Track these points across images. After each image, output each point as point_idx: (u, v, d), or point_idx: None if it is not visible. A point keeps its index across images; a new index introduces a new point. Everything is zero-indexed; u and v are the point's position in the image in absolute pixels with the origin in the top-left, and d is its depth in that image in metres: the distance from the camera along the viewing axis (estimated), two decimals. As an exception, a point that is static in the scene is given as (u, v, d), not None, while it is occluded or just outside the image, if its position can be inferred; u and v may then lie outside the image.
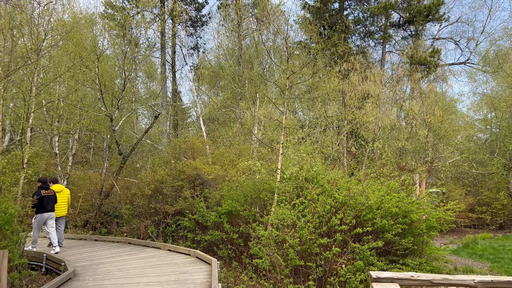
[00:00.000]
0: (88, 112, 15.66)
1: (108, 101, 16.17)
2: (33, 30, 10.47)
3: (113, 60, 18.56)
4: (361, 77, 17.25)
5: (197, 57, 27.58)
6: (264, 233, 8.63)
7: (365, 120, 15.29)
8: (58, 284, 7.49)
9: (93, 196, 16.95)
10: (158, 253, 11.19)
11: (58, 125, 16.08)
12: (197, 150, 16.06)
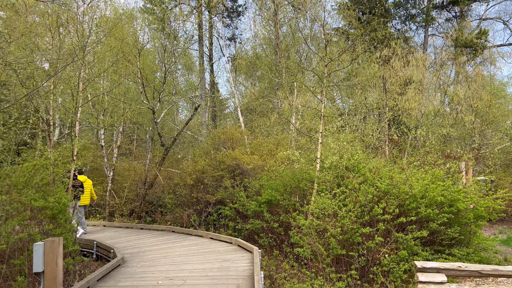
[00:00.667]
0: (131, 106, 16.19)
1: (149, 94, 16.63)
2: (78, 27, 10.91)
3: (154, 54, 19.02)
4: (402, 63, 16.69)
5: (234, 48, 27.71)
6: (305, 222, 8.64)
7: (407, 106, 14.83)
8: (108, 270, 7.88)
9: (138, 186, 17.59)
10: (201, 241, 11.49)
11: (104, 118, 16.75)
12: (236, 140, 16.24)
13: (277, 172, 11.90)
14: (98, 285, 6.98)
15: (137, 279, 7.39)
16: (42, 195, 7.94)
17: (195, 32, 21.71)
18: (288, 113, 16.65)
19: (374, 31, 18.34)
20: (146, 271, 8.02)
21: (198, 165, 15.33)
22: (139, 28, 17.19)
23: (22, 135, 12.04)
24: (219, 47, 24.57)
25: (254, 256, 8.68)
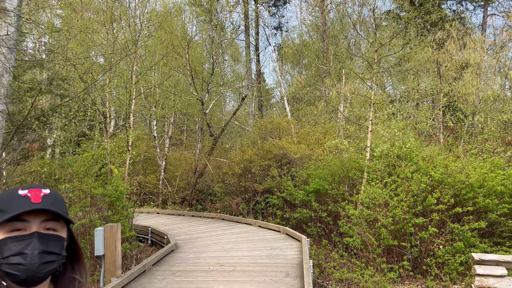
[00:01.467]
0: (181, 97, 16.63)
1: (198, 85, 16.99)
2: (131, 22, 11.33)
3: (201, 46, 19.35)
4: (458, 45, 15.79)
5: (280, 36, 27.53)
6: (354, 212, 8.52)
7: (464, 92, 14.05)
8: (163, 255, 8.24)
9: (189, 175, 18.14)
10: (250, 229, 11.68)
11: (155, 110, 17.36)
12: (283, 129, 16.22)
13: (325, 161, 11.77)
14: (154, 269, 7.33)
15: (190, 264, 7.67)
16: (100, 183, 8.42)
17: (241, 23, 21.80)
18: (336, 101, 16.35)
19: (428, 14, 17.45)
20: (198, 257, 8.29)
21: (245, 154, 15.51)
22: (187, 20, 17.56)
23: (82, 127, 12.77)
24: (265, 37, 24.52)
25: (302, 244, 8.70)
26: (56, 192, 1.10)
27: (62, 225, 1.07)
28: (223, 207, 16.01)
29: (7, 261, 0.98)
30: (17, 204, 1.00)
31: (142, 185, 17.89)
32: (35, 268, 0.98)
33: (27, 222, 1.01)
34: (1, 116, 5.32)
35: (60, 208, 1.05)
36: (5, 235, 1.00)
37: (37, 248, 0.99)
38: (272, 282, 6.33)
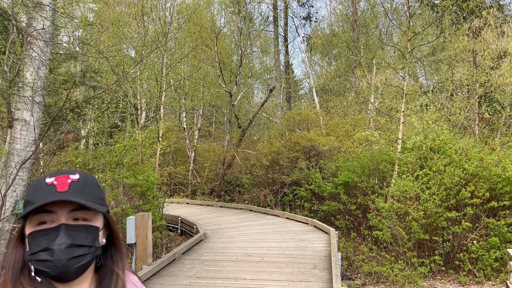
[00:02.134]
0: (210, 89, 16.76)
1: (226, 77, 17.06)
2: (161, 15, 11.47)
3: (230, 38, 19.38)
4: (496, 34, 15.10)
5: (309, 27, 27.19)
6: (384, 205, 8.37)
7: (501, 82, 13.44)
8: (192, 244, 8.38)
9: (217, 166, 18.33)
10: (277, 221, 11.70)
11: (185, 102, 17.57)
12: (311, 121, 16.08)
13: (355, 153, 11.60)
14: (183, 258, 7.47)
15: (218, 254, 7.77)
16: (132, 173, 8.63)
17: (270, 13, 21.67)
18: (366, 92, 16.04)
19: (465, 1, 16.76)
20: (226, 247, 8.38)
21: (273, 146, 15.50)
22: (216, 12, 17.60)
23: (114, 119, 13.09)
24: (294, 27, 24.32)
25: (331, 237, 8.63)
26: (87, 176, 1.00)
27: (95, 213, 0.97)
28: (251, 199, 16.10)
29: (36, 257, 0.92)
30: (42, 194, 0.92)
31: (172, 176, 18.22)
32: (63, 264, 0.90)
33: (53, 213, 0.93)
34: (38, 108, 5.51)
35: (90, 195, 0.96)
36: (32, 229, 0.93)
37: (64, 242, 0.90)
38: (300, 274, 6.33)
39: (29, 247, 0.94)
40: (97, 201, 0.97)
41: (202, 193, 17.88)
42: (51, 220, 0.93)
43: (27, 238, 0.95)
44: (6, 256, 0.97)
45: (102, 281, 1.04)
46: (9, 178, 5.33)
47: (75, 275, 0.95)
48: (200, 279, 6.11)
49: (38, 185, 0.96)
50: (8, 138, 5.63)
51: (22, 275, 0.96)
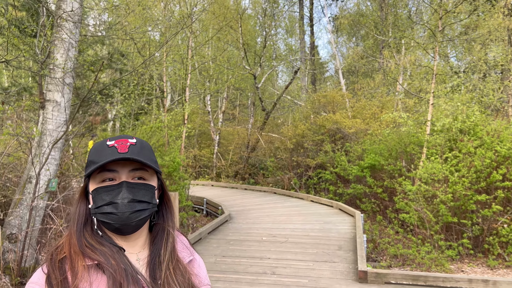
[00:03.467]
0: (234, 72, 16.73)
1: (251, 59, 16.97)
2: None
3: (254, 19, 19.19)
4: (534, 10, 14.32)
5: (336, 6, 26.59)
6: (412, 187, 8.22)
7: (539, 62, 12.81)
8: (217, 224, 8.52)
9: (241, 149, 18.41)
10: (302, 203, 11.71)
11: (209, 85, 17.63)
12: (337, 103, 15.85)
13: (382, 135, 11.40)
14: (209, 237, 7.60)
15: (243, 234, 7.87)
16: (159, 154, 8.77)
17: (295, -6, 21.26)
18: (394, 73, 15.64)
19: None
20: (251, 227, 8.48)
21: (298, 129, 15.41)
22: (240, -7, 17.38)
23: (140, 102, 13.28)
24: (320, 8, 23.80)
25: (356, 219, 8.59)
26: (143, 141, 1.09)
27: (151, 174, 1.06)
28: (275, 182, 16.14)
29: (100, 210, 1.01)
30: (105, 155, 1.01)
31: (197, 158, 18.45)
32: (126, 217, 0.99)
33: (115, 172, 1.01)
34: (68, 89, 5.65)
35: (147, 157, 1.04)
36: (96, 185, 1.02)
37: (126, 197, 0.99)
38: (325, 254, 6.34)
39: (93, 202, 1.03)
40: (153, 163, 1.06)
41: (226, 176, 18.05)
42: (113, 177, 1.02)
43: (91, 194, 1.04)
44: (69, 213, 1.04)
45: (155, 238, 1.12)
46: (43, 157, 5.52)
47: (135, 228, 1.04)
48: (226, 258, 6.21)
49: (100, 147, 1.05)
50: (40, 119, 5.81)
51: (85, 228, 1.05)
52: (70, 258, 1.00)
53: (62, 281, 0.96)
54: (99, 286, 0.97)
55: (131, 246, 1.08)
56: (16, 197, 5.66)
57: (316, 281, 5.15)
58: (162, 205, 1.16)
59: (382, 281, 5.11)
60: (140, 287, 1.00)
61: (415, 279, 5.09)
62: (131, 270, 1.01)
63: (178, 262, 1.11)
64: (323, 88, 22.97)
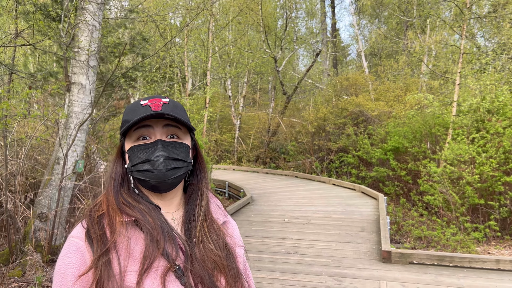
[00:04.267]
0: (255, 55, 16.61)
1: (271, 42, 16.80)
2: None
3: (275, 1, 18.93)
4: None
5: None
6: (437, 169, 8.07)
7: None
8: (240, 206, 8.59)
9: (262, 133, 18.41)
10: (323, 187, 11.67)
11: (230, 69, 17.59)
12: (359, 86, 15.61)
13: (406, 117, 11.18)
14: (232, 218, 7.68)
15: (265, 216, 7.92)
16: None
17: (316, -25, 20.83)
18: (419, 54, 15.23)
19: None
20: (273, 209, 8.52)
21: (319, 112, 15.27)
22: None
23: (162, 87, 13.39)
24: (341, -11, 23.25)
25: (379, 202, 8.52)
26: (175, 101, 1.09)
27: (184, 133, 1.07)
28: (296, 166, 16.11)
29: (137, 168, 1.01)
30: (139, 113, 1.01)
31: (218, 143, 18.56)
32: (163, 174, 1.00)
33: (150, 127, 1.02)
34: (92, 72, 5.73)
35: (180, 115, 1.04)
36: (132, 144, 1.03)
37: (162, 154, 1.00)
38: (347, 236, 6.33)
39: (129, 160, 1.04)
40: (186, 121, 1.06)
41: (247, 160, 18.12)
42: (148, 135, 1.03)
43: (127, 153, 1.05)
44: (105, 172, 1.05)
45: (189, 198, 1.13)
46: (69, 139, 5.65)
47: (171, 186, 1.05)
48: (249, 238, 6.27)
49: (134, 107, 1.06)
50: (66, 102, 5.93)
51: (121, 187, 1.07)
52: (108, 215, 1.02)
53: (101, 235, 0.98)
54: (137, 242, 0.99)
55: (167, 205, 1.09)
56: (45, 177, 5.84)
57: (339, 260, 5.15)
58: (196, 165, 1.15)
59: (406, 261, 5.07)
60: (176, 244, 1.01)
61: (440, 259, 5.03)
62: (167, 228, 1.02)
63: (212, 222, 1.11)
64: (344, 71, 22.61)
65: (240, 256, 1.14)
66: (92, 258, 0.95)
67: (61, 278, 0.95)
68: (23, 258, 4.99)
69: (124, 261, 0.96)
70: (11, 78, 9.68)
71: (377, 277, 4.58)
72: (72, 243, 0.99)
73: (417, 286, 4.33)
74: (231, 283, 1.05)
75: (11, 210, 5.63)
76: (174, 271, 0.98)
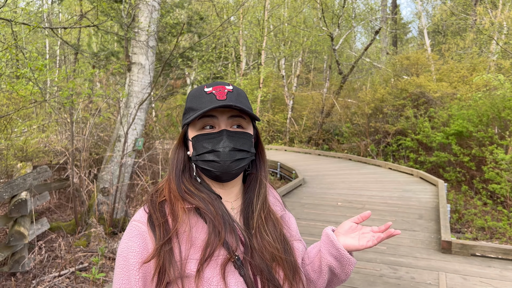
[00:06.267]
0: (310, 33, 16.20)
1: (328, 20, 16.28)
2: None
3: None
4: None
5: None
6: (505, 156, 7.50)
7: None
8: (291, 188, 8.56)
9: (315, 114, 18.12)
10: (379, 171, 11.32)
11: (284, 48, 17.33)
12: (421, 65, 14.77)
13: (471, 100, 10.46)
14: (283, 200, 7.67)
15: (317, 198, 7.83)
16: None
17: None
18: (489, 31, 14.10)
19: None
20: (325, 192, 8.40)
21: (377, 93, 14.70)
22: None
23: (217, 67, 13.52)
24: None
25: (439, 189, 8.11)
26: (239, 89, 1.08)
27: (247, 122, 1.05)
28: (350, 148, 15.74)
29: (202, 157, 1.01)
30: (204, 101, 1.00)
31: (271, 123, 18.53)
32: (228, 165, 0.99)
33: (215, 118, 1.01)
34: (152, 52, 5.87)
35: (244, 104, 1.02)
36: (197, 133, 1.03)
37: (227, 145, 0.99)
38: (404, 223, 6.10)
39: (193, 149, 1.04)
40: (249, 110, 1.03)
41: (299, 141, 17.97)
42: (212, 124, 1.02)
43: (190, 141, 1.05)
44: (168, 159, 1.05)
45: (248, 187, 1.11)
46: (130, 118, 5.87)
47: (234, 175, 1.04)
48: (301, 220, 6.24)
49: (198, 94, 1.04)
50: (127, 81, 6.14)
51: (183, 175, 1.07)
52: (170, 202, 1.02)
53: (164, 223, 0.98)
54: (198, 230, 0.99)
55: (227, 194, 1.08)
56: (108, 154, 6.14)
57: (395, 248, 4.98)
58: (256, 155, 1.14)
59: (468, 253, 4.80)
60: (236, 235, 1.00)
61: (506, 253, 4.70)
62: (228, 217, 1.01)
63: (270, 213, 1.10)
64: (405, 50, 21.51)
65: (298, 249, 1.12)
66: (154, 244, 0.96)
67: (124, 261, 0.97)
68: (87, 230, 5.32)
69: (185, 249, 0.96)
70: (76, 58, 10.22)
71: (435, 268, 4.38)
72: (134, 227, 1.00)
73: (479, 280, 4.09)
74: (289, 276, 1.03)
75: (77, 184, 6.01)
76: (233, 262, 0.98)
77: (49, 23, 11.46)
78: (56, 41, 13.42)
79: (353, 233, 1.10)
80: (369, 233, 1.06)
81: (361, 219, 1.11)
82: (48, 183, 6.12)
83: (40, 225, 4.87)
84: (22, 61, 6.22)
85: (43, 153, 7.01)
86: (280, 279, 1.02)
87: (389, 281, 4.05)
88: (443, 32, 21.05)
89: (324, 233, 1.12)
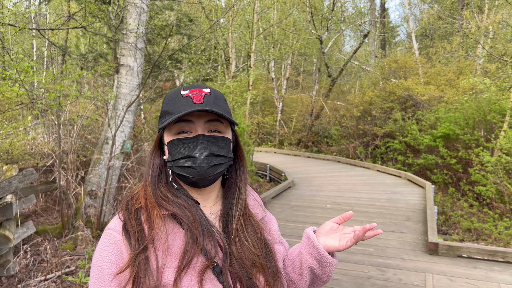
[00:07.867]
0: (300, 36, 16.27)
1: (317, 23, 16.37)
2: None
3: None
4: None
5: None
6: (491, 159, 7.62)
7: None
8: (281, 190, 8.57)
9: (305, 117, 18.19)
10: (368, 173, 11.40)
11: (273, 51, 17.38)
12: (409, 69, 14.94)
13: (458, 103, 10.61)
14: (273, 202, 7.69)
15: (307, 200, 7.85)
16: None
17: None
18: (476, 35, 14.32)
19: None
20: (314, 194, 8.43)
21: (365, 96, 14.82)
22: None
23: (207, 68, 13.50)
24: (392, -34, 22.14)
25: (426, 191, 8.20)
26: (217, 91, 1.04)
27: (226, 126, 1.02)
28: (339, 150, 15.83)
29: (177, 163, 0.98)
30: (180, 105, 0.97)
31: (260, 125, 18.55)
32: (204, 171, 0.96)
33: (191, 122, 0.98)
34: (140, 54, 5.84)
35: (222, 108, 0.99)
36: (172, 137, 0.99)
37: (204, 151, 0.96)
38: (392, 225, 6.15)
39: (169, 154, 1.01)
40: (228, 114, 1.00)
41: (289, 143, 18.03)
42: (189, 129, 0.99)
43: (166, 146, 1.02)
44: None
45: (227, 192, 1.09)
46: (118, 120, 5.82)
47: (211, 181, 1.01)
48: (290, 222, 6.26)
49: (174, 97, 1.01)
50: (115, 83, 6.09)
51: (159, 180, 1.04)
52: (146, 209, 0.99)
53: (139, 231, 0.95)
54: (175, 237, 0.96)
55: (205, 199, 1.06)
56: (95, 156, 6.08)
57: (382, 250, 5.02)
58: (235, 159, 1.11)
59: (454, 254, 4.86)
60: (214, 241, 0.98)
61: (492, 254, 4.77)
62: (206, 223, 0.99)
63: (250, 217, 1.07)
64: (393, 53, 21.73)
65: (279, 253, 1.10)
66: (129, 253, 0.94)
67: (98, 272, 0.94)
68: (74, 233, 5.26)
69: (162, 257, 0.93)
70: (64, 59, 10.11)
71: (422, 269, 4.42)
72: (109, 235, 0.97)
73: (465, 281, 4.14)
74: (270, 281, 1.01)
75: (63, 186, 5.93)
76: (212, 269, 0.96)
77: (36, 24, 11.34)
78: (43, 42, 13.28)
79: (334, 233, 1.08)
80: (350, 233, 1.05)
81: (343, 220, 1.10)
82: (35, 186, 6.04)
83: (26, 228, 4.81)
84: (8, 62, 6.14)
85: (29, 155, 6.91)
86: (261, 285, 1.01)
87: (377, 283, 4.08)
88: (430, 35, 21.33)
89: (305, 233, 1.10)
